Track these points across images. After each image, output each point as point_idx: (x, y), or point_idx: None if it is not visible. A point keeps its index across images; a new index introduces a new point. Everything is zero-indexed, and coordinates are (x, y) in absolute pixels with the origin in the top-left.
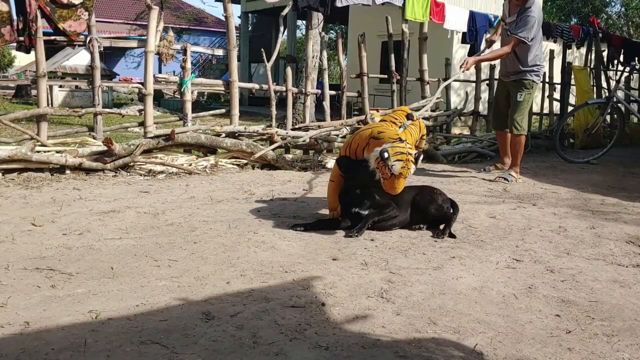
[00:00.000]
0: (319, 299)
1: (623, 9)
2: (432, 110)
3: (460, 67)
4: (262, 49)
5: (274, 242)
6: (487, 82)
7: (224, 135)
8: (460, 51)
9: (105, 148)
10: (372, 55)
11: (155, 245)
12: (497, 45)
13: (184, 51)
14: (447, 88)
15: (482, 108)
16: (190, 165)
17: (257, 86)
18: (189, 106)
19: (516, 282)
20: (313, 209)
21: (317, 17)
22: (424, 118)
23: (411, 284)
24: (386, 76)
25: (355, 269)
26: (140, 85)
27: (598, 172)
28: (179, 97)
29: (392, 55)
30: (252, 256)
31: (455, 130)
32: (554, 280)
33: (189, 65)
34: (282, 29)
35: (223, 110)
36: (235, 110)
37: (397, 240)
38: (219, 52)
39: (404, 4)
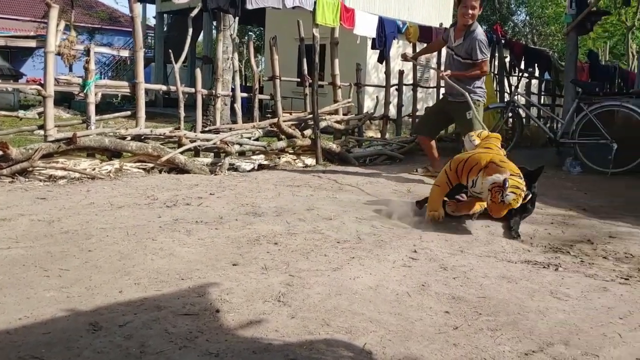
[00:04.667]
0: (213, 306)
1: (528, 18)
2: (344, 114)
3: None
4: (171, 50)
5: (173, 248)
6: (397, 87)
7: (129, 138)
8: (374, 57)
9: (0, 152)
10: (289, 58)
11: (47, 254)
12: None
13: (87, 52)
14: (360, 93)
15: (392, 112)
16: (94, 169)
17: (164, 87)
18: (92, 108)
19: (410, 280)
20: (217, 213)
21: (229, 19)
22: (336, 122)
23: (309, 286)
24: (299, 79)
25: (254, 274)
26: (39, 87)
27: None
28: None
29: (305, 59)
30: (149, 264)
31: (371, 134)
32: (447, 278)
33: (92, 66)
34: (190, 30)
35: (129, 113)
36: (141, 113)
37: (301, 243)
38: (125, 53)
39: (314, 9)
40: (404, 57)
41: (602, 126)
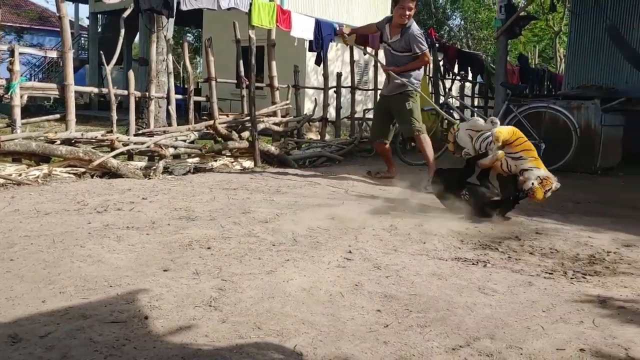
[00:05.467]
0: (142, 313)
1: (463, 22)
2: (283, 116)
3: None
4: (102, 52)
5: (102, 255)
6: (335, 89)
7: (58, 142)
8: (313, 59)
9: None
10: (228, 59)
11: None
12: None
13: (11, 52)
14: (298, 95)
15: (333, 114)
16: (20, 175)
17: (96, 90)
18: (17, 111)
19: (344, 281)
20: (149, 218)
21: (162, 20)
22: (274, 124)
23: (242, 290)
24: (235, 81)
25: (186, 279)
26: None
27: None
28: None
29: (241, 61)
30: (76, 271)
31: (312, 136)
32: (379, 277)
33: (17, 67)
34: (122, 31)
35: (58, 116)
36: (71, 116)
37: (235, 247)
38: (53, 54)
39: (250, 10)
40: (343, 38)
41: (530, 127)
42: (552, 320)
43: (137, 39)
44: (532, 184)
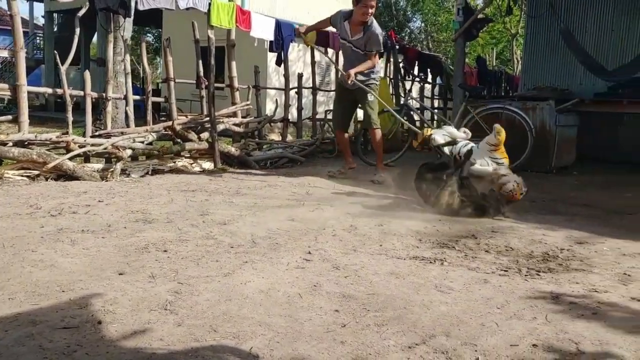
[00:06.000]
0: (95, 317)
1: (423, 25)
2: (243, 117)
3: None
4: (56, 52)
5: (55, 259)
6: (296, 90)
7: (11, 144)
8: (275, 60)
9: None
10: (188, 60)
11: None
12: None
13: None
14: (259, 96)
15: (293, 116)
16: None
17: (50, 90)
18: None
19: (303, 282)
20: (105, 221)
21: (119, 20)
22: (234, 124)
23: (198, 293)
24: (195, 82)
25: (141, 283)
26: None
27: (395, 173)
28: None
29: (200, 61)
30: (26, 277)
31: (274, 137)
32: (338, 277)
33: None
34: (77, 30)
35: (10, 117)
36: (24, 117)
37: (192, 250)
38: (4, 53)
39: (209, 10)
40: (298, 33)
41: (487, 128)
42: (506, 316)
43: (95, 38)
44: (512, 186)
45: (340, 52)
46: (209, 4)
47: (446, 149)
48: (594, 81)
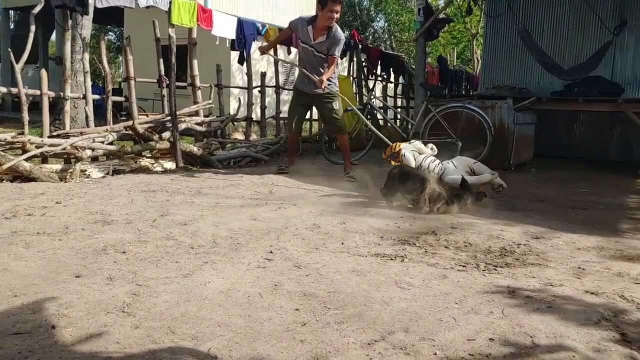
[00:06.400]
0: (49, 322)
1: (386, 24)
2: (206, 116)
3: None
4: (10, 50)
5: (7, 263)
6: (259, 89)
7: None
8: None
9: None
10: (150, 58)
11: None
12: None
13: None
14: (221, 94)
15: (257, 114)
16: None
17: (4, 89)
18: None
19: (264, 281)
20: (63, 223)
21: (76, 18)
22: (196, 124)
23: (157, 294)
24: (156, 81)
25: (98, 285)
26: None
27: (357, 172)
28: None
29: (161, 60)
30: None
31: (238, 136)
32: (300, 276)
33: None
34: (33, 27)
35: None
36: None
37: (152, 251)
38: None
39: (170, 9)
40: (261, 51)
41: (448, 126)
42: (464, 311)
43: (54, 36)
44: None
45: (298, 56)
46: (170, 3)
47: (413, 163)
48: (552, 80)
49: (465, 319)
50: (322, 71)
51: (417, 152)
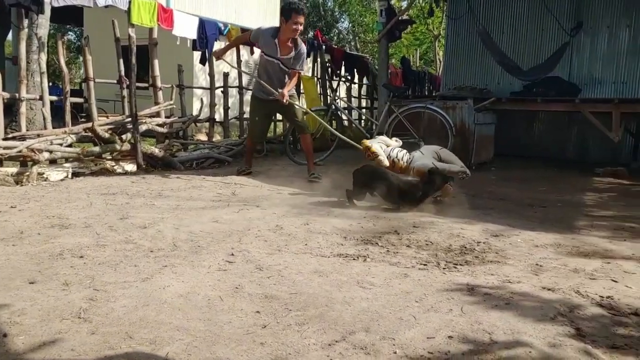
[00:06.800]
0: (0, 330)
1: (351, 25)
2: (167, 117)
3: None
4: None
5: None
6: (222, 89)
7: None
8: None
9: None
10: (111, 59)
11: None
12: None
13: None
14: (183, 95)
15: (220, 115)
16: None
17: None
18: None
19: (224, 284)
20: (17, 227)
21: (32, 17)
22: (157, 125)
23: (115, 299)
24: (116, 81)
25: (53, 291)
26: None
27: (322, 172)
28: None
29: (122, 60)
30: None
31: (201, 137)
32: (261, 278)
33: None
34: None
35: None
36: None
37: (110, 255)
38: None
39: (129, 8)
40: (215, 56)
41: (410, 126)
42: (424, 309)
43: (10, 36)
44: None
45: (259, 66)
46: (129, 2)
47: (383, 156)
48: (511, 80)
49: (425, 317)
50: (285, 82)
51: (384, 144)
